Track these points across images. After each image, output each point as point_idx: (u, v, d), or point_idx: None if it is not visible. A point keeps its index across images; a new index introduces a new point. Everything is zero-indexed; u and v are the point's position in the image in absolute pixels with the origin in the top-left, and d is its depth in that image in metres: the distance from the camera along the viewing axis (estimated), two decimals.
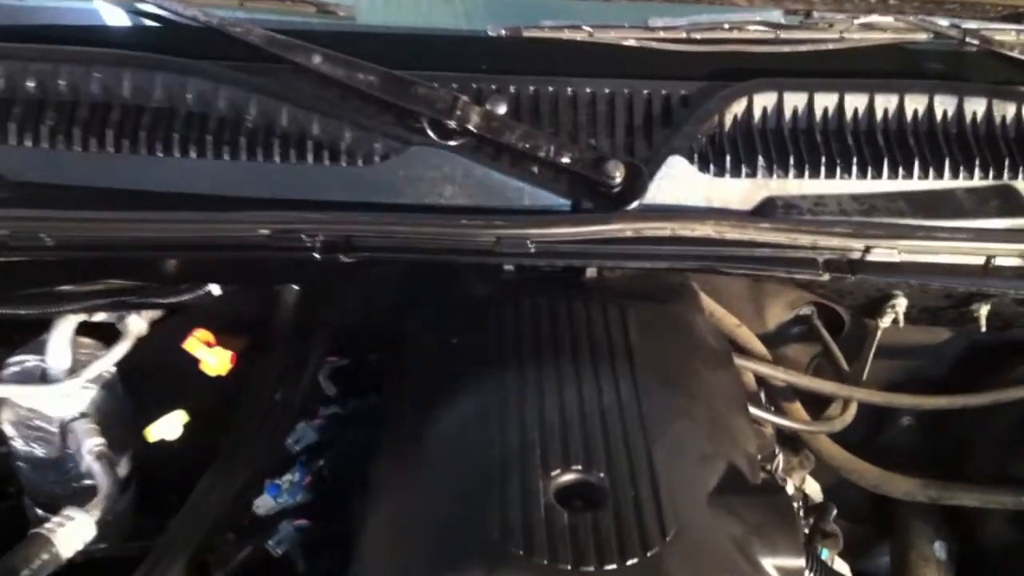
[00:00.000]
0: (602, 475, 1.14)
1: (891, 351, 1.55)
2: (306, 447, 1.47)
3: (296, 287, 1.52)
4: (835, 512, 1.37)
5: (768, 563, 1.12)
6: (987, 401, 1.51)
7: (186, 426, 1.48)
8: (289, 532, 1.38)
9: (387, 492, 1.21)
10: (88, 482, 1.48)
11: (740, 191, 1.40)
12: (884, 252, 1.34)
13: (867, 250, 1.34)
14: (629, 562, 1.06)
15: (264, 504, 1.42)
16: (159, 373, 1.57)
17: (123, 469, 1.55)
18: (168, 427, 1.43)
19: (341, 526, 1.31)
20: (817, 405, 1.59)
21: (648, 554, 1.07)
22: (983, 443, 1.59)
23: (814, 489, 1.54)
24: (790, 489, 1.47)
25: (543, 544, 1.07)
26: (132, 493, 1.59)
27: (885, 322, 1.46)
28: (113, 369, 1.55)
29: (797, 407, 1.55)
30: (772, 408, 1.53)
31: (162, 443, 1.48)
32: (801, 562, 1.14)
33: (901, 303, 1.45)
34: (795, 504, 1.37)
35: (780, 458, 1.47)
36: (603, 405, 1.23)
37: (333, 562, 1.30)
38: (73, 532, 1.35)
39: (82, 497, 1.43)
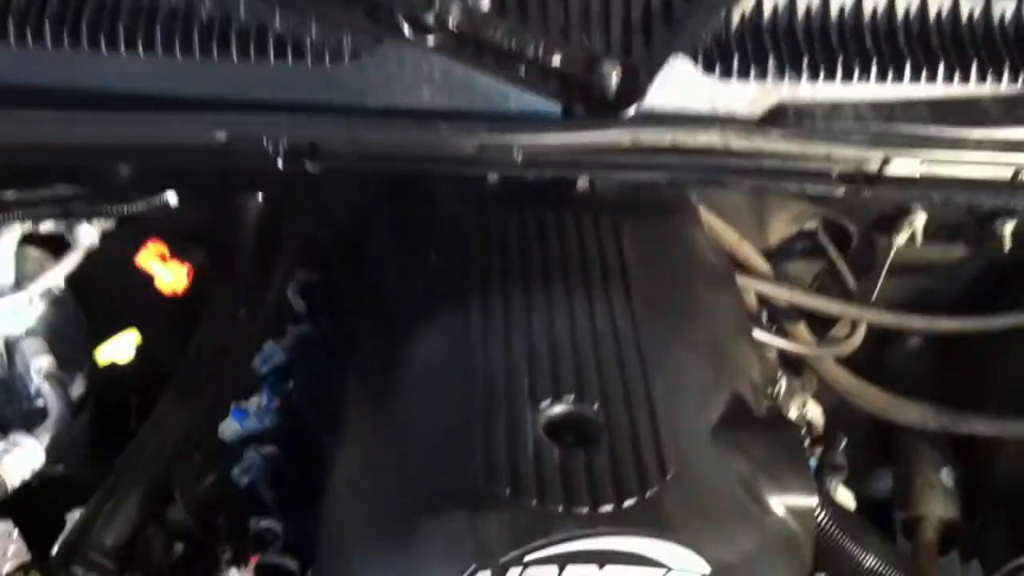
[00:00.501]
0: (596, 407, 1.05)
1: (901, 269, 1.46)
2: (274, 368, 1.37)
3: (259, 197, 1.40)
4: (844, 443, 1.29)
5: (777, 502, 1.03)
6: (1005, 324, 1.42)
7: (143, 347, 1.37)
8: (256, 460, 1.29)
9: (357, 427, 1.11)
10: (40, 404, 1.37)
11: (748, 96, 1.29)
12: (904, 163, 1.24)
13: (886, 161, 1.24)
14: (626, 503, 0.96)
15: (230, 429, 1.32)
16: (112, 290, 1.47)
17: (77, 390, 1.45)
18: (119, 349, 1.32)
19: (311, 455, 1.22)
20: (818, 326, 1.50)
21: (647, 494, 0.97)
22: (998, 369, 1.50)
23: (816, 413, 1.45)
24: (792, 414, 1.39)
25: (531, 484, 0.97)
26: (89, 415, 1.49)
27: (900, 239, 1.36)
28: (63, 284, 1.44)
29: (801, 328, 1.45)
30: (775, 329, 1.43)
31: (119, 364, 1.39)
32: (813, 500, 1.05)
33: (919, 218, 1.35)
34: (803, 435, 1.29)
35: (783, 382, 1.38)
36: (596, 331, 1.13)
37: (302, 495, 1.22)
38: (20, 459, 1.25)
39: (33, 420, 1.33)
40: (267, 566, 1.20)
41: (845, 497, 1.36)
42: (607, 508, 0.96)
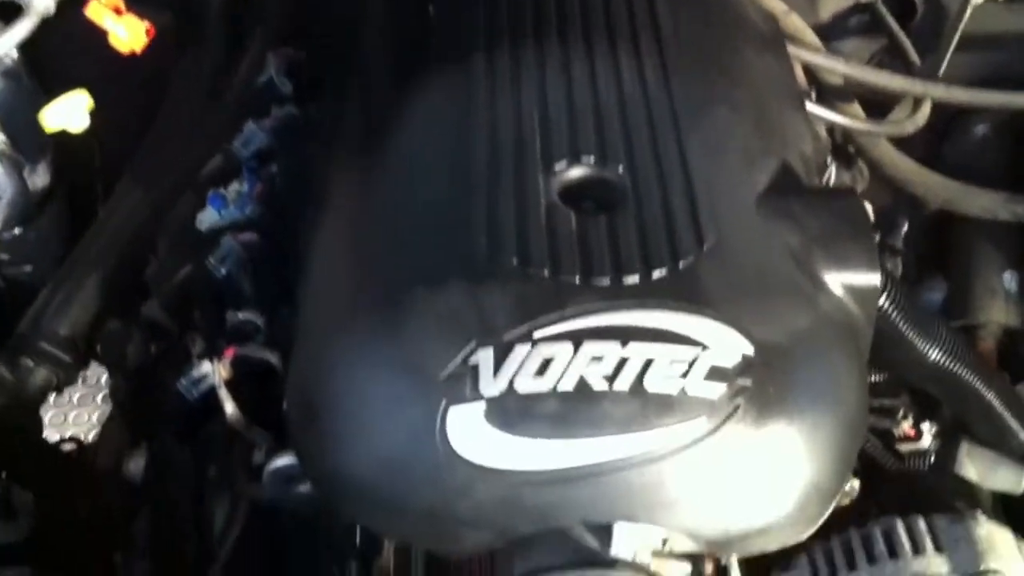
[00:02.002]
0: (620, 170, 0.88)
1: (972, 43, 1.27)
2: (256, 151, 1.21)
3: None
4: (906, 226, 1.12)
5: (834, 279, 0.87)
6: None
7: (105, 122, 1.21)
8: (233, 248, 1.14)
9: (340, 190, 0.96)
10: None
11: None
12: None
13: None
14: (655, 273, 0.81)
15: (208, 219, 1.18)
16: (75, 65, 1.31)
17: (40, 179, 1.33)
18: (67, 112, 1.15)
19: (295, 245, 1.08)
20: (874, 114, 1.32)
21: (679, 264, 0.82)
22: None
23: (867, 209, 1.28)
24: None
25: (543, 251, 0.82)
26: (58, 208, 1.36)
27: None
28: (15, 54, 1.29)
29: (856, 108, 1.28)
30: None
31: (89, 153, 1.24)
32: (876, 279, 0.88)
33: None
34: None
35: (832, 171, 1.21)
36: (622, 88, 0.96)
37: (283, 282, 1.08)
38: None
39: None
40: (245, 359, 1.06)
41: None
42: (632, 279, 0.81)
